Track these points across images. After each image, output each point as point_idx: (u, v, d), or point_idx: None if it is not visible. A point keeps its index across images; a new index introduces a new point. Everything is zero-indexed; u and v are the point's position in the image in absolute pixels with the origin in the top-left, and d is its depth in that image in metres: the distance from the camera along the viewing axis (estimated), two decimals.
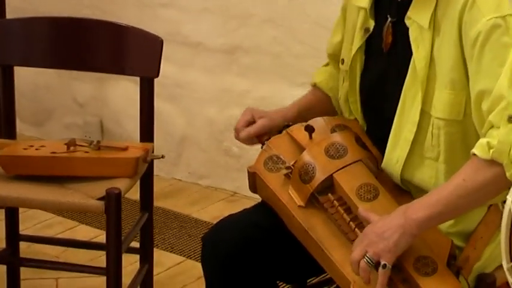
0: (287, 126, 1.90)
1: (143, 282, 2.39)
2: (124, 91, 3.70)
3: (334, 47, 1.96)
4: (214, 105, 3.48)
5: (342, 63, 1.89)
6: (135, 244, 2.40)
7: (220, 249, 1.79)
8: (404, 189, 1.78)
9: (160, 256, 2.89)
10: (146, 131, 2.33)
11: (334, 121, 1.88)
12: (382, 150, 1.78)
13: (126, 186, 2.11)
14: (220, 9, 3.39)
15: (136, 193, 2.36)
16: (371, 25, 1.81)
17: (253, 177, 1.85)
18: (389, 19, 1.77)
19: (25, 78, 3.56)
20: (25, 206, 2.20)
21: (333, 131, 1.85)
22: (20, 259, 2.51)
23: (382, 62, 1.80)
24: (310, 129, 1.82)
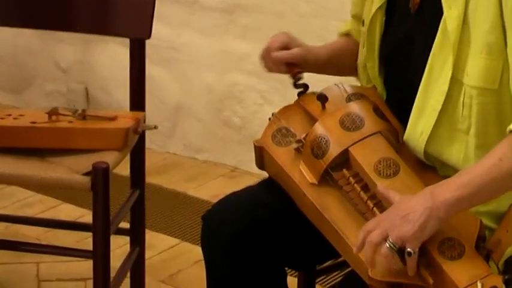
0: (301, 92, 1.90)
1: (134, 267, 2.41)
2: (112, 54, 3.71)
3: (356, 7, 1.95)
4: (212, 70, 3.49)
5: (363, 25, 1.88)
6: (125, 225, 2.40)
7: (224, 230, 1.78)
8: (428, 165, 1.77)
9: (152, 238, 2.89)
10: (137, 99, 2.32)
11: (350, 89, 1.87)
12: (404, 121, 1.77)
13: (115, 160, 2.10)
14: None
15: (126, 168, 2.35)
16: None
17: (260, 152, 1.85)
18: None
19: (2, 40, 3.55)
20: (2, 183, 2.21)
21: (348, 100, 1.84)
22: None
23: (408, 24, 1.78)
24: (323, 99, 1.81)
